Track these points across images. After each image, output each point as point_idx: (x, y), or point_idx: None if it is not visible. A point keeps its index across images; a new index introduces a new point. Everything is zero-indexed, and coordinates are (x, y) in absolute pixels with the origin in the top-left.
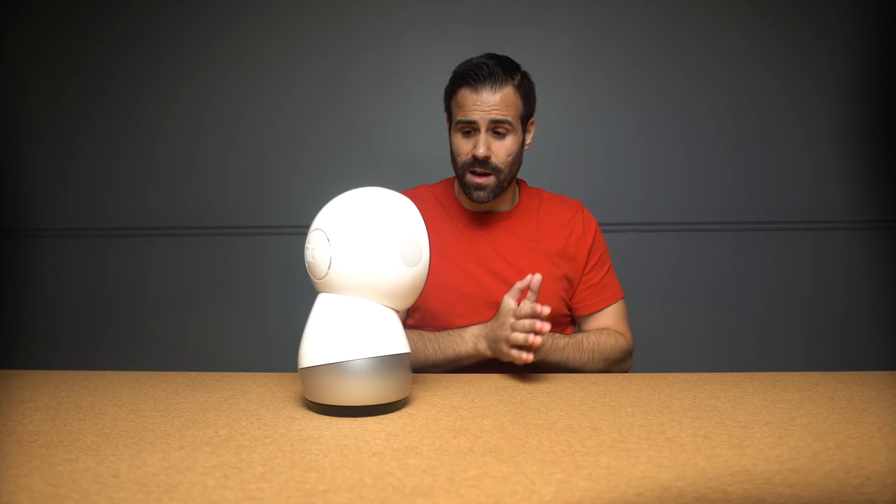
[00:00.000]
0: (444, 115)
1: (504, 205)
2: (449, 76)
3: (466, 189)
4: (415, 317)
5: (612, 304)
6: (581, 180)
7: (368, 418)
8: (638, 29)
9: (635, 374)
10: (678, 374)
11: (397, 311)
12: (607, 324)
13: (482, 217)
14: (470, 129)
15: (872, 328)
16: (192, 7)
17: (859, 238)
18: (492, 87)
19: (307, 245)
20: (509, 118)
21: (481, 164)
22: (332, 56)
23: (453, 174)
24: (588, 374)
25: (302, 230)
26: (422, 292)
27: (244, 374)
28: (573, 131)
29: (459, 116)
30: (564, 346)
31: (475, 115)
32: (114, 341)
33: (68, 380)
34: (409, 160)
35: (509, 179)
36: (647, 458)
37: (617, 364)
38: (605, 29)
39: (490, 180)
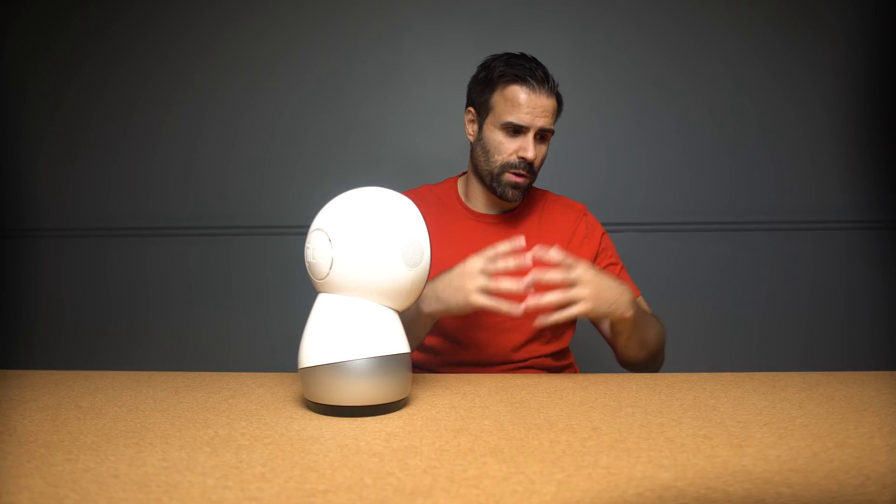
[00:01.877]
0: (445, 116)
1: (508, 205)
2: (448, 76)
3: (500, 187)
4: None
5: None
6: (581, 180)
7: (368, 418)
8: (638, 29)
9: (635, 375)
10: (678, 374)
11: (398, 312)
12: None
13: (485, 217)
14: (518, 129)
15: (872, 328)
16: (192, 7)
17: (859, 238)
18: (548, 93)
19: (308, 245)
20: (553, 126)
21: (526, 167)
22: (332, 56)
23: (455, 175)
24: (588, 374)
25: (302, 230)
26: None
27: (244, 374)
28: (573, 131)
29: (511, 118)
30: (644, 313)
31: (529, 120)
32: (114, 341)
33: (68, 380)
34: (408, 160)
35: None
36: (647, 458)
37: (658, 354)
38: (605, 29)
39: (526, 181)
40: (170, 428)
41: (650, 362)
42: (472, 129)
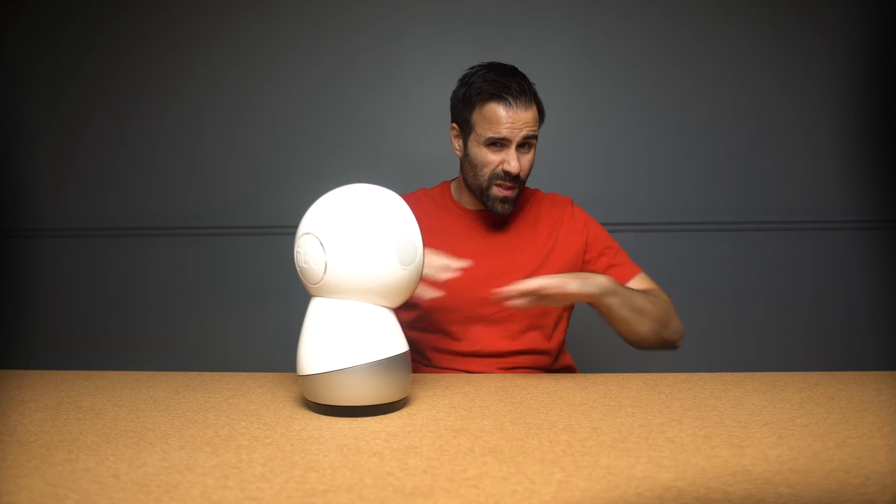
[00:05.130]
0: (445, 117)
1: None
2: (448, 76)
3: (490, 201)
4: (413, 314)
5: (634, 277)
6: (581, 180)
7: (368, 418)
8: (638, 29)
9: (635, 374)
10: (678, 374)
11: (392, 308)
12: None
13: (479, 215)
14: (501, 143)
15: (872, 328)
16: (192, 7)
17: (859, 238)
18: (525, 104)
19: (297, 250)
20: (537, 132)
21: (512, 178)
22: (332, 56)
23: (451, 178)
24: (588, 374)
25: None
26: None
27: (244, 374)
28: (573, 131)
29: (490, 133)
30: (627, 291)
31: (510, 133)
32: (113, 341)
33: (68, 380)
34: (409, 160)
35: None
36: (647, 458)
37: (668, 324)
38: (605, 29)
39: (515, 192)
40: (170, 428)
41: (656, 334)
42: (457, 144)
